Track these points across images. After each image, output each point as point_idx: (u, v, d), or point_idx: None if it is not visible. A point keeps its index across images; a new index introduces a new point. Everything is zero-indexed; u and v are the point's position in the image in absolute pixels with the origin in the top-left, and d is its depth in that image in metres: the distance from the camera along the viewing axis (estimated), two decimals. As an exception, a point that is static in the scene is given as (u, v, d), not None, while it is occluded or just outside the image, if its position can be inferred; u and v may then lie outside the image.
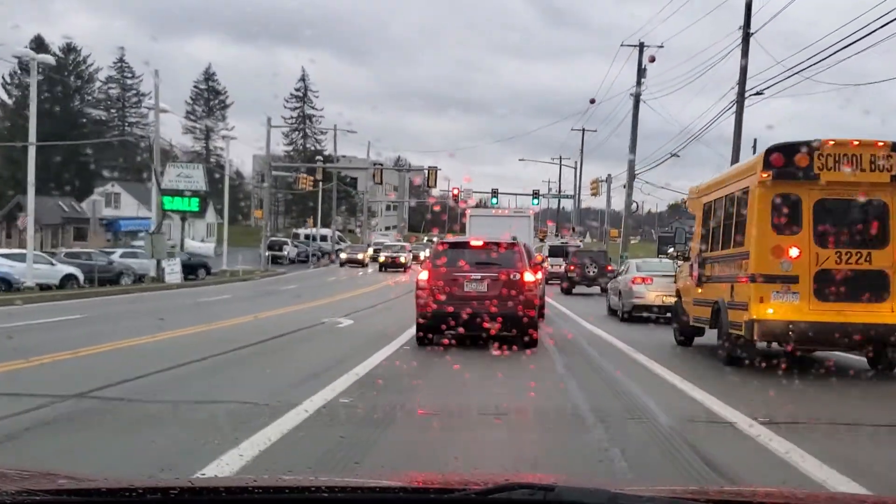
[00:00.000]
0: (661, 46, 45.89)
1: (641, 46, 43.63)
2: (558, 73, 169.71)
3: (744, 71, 29.37)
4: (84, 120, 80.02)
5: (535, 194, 66.14)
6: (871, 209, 12.11)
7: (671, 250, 17.63)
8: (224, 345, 14.39)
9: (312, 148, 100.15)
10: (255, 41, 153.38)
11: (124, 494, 2.32)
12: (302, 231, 77.52)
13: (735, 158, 28.86)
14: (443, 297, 14.34)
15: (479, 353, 13.93)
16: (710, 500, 2.21)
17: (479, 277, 14.48)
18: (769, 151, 12.18)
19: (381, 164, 58.97)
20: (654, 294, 21.41)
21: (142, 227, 67.47)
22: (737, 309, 12.63)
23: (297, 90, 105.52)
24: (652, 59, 42.58)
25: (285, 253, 66.31)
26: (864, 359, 12.99)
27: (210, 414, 8.51)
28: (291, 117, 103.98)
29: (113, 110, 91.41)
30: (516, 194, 71.12)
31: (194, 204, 46.29)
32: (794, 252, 11.92)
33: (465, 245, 15.64)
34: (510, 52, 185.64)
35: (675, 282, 17.66)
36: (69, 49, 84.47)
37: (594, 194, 60.73)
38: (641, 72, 43.44)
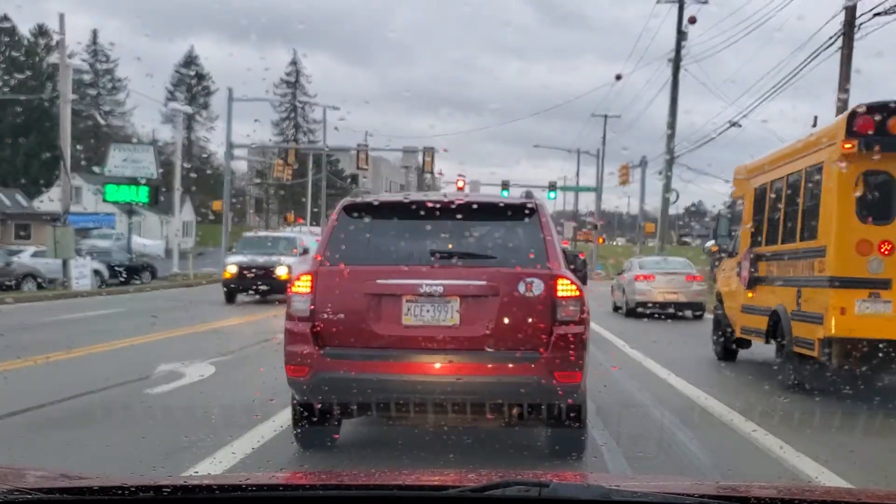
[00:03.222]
0: (706, 2, 43.86)
1: (681, 2, 40.02)
2: (566, 72, 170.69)
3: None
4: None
5: (552, 186, 64.49)
6: None
7: (709, 244, 16.13)
8: None
9: (306, 140, 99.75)
10: (250, 41, 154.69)
11: (117, 492, 2.50)
12: (289, 230, 76.71)
13: (843, 107, 22.10)
14: (348, 342, 7.01)
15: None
16: (705, 496, 2.40)
17: (442, 290, 6.93)
18: (855, 114, 10.11)
19: (367, 146, 49.61)
20: (656, 290, 24.06)
21: (97, 223, 64.57)
22: (806, 321, 10.70)
23: (288, 75, 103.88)
24: (692, 21, 39.20)
25: None
26: None
27: None
28: (281, 104, 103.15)
29: (87, 97, 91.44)
30: (530, 186, 71.22)
31: (143, 194, 42.87)
32: (885, 248, 10.02)
33: (409, 211, 7.55)
34: (514, 52, 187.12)
35: (714, 282, 16.69)
36: (41, 32, 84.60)
37: (623, 182, 54.66)
38: (681, 34, 39.99)
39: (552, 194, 64.41)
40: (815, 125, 21.71)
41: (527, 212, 7.40)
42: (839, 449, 8.07)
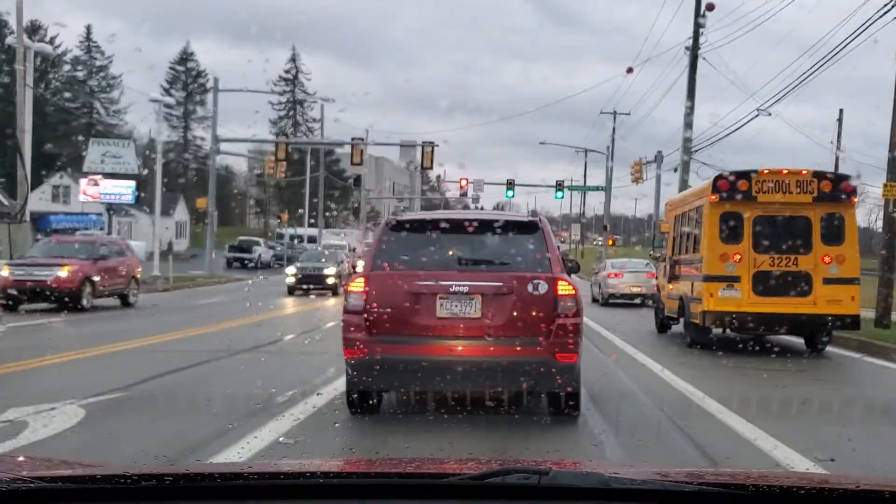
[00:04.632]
0: None
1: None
2: (568, 73, 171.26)
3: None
4: (51, 108, 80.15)
5: (559, 186, 63.47)
6: (798, 223, 16.34)
7: (651, 252, 23.37)
8: None
9: (305, 137, 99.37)
10: (250, 43, 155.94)
11: (119, 481, 2.58)
12: (287, 231, 76.05)
13: None
14: (393, 330, 8.91)
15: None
16: (703, 483, 2.48)
17: (467, 290, 8.88)
18: (717, 179, 16.87)
19: (362, 139, 47.59)
20: (623, 285, 31.82)
21: (84, 224, 62.99)
22: (695, 302, 17.06)
23: (287, 72, 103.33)
24: (711, 7, 38.87)
25: (255, 255, 61.53)
26: (803, 341, 17.54)
27: None
28: (280, 102, 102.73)
29: (81, 95, 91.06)
30: (535, 185, 70.50)
31: (127, 190, 42.14)
32: (737, 257, 16.30)
33: (440, 227, 9.55)
34: (516, 54, 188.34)
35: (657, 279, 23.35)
36: (34, 28, 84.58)
37: (636, 180, 52.16)
38: (700, 16, 36.68)
39: (559, 194, 63.49)
40: (840, 118, 31.48)
41: (533, 227, 9.44)
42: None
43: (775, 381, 12.86)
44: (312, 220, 76.19)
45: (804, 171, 16.51)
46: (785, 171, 16.53)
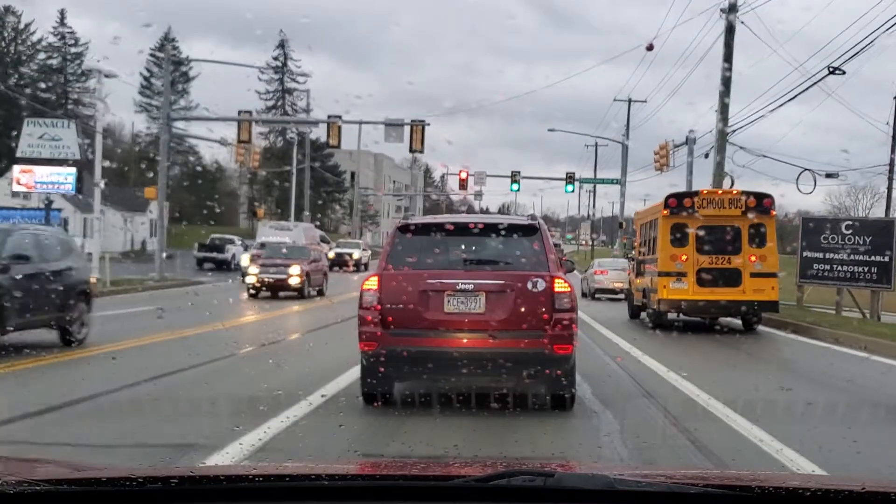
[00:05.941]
0: None
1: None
2: (570, 74, 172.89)
3: None
4: (22, 99, 79.43)
5: (570, 179, 60.61)
6: (730, 231, 21.21)
7: (626, 253, 29.24)
8: None
9: (294, 131, 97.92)
10: (253, 45, 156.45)
11: (125, 483, 2.67)
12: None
13: None
14: (405, 324, 9.86)
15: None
16: (709, 485, 2.59)
17: (472, 288, 9.83)
18: (667, 198, 22.05)
19: (339, 117, 42.14)
20: (608, 281, 36.85)
21: (35, 219, 61.00)
22: (653, 293, 22.19)
23: (276, 58, 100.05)
24: None
25: (228, 255, 54.61)
26: (740, 322, 22.35)
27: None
28: (268, 91, 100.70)
29: (53, 83, 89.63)
30: (542, 178, 69.56)
31: (70, 179, 39.00)
32: (684, 258, 21.35)
33: (447, 229, 10.71)
34: (518, 55, 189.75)
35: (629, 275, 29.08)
36: (7, 11, 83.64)
37: (661, 167, 45.66)
38: None
39: (569, 187, 61.90)
40: (898, 97, 40.45)
41: (532, 230, 10.46)
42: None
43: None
44: (318, 222, 75.38)
45: (735, 191, 22.44)
46: (720, 192, 22.76)
